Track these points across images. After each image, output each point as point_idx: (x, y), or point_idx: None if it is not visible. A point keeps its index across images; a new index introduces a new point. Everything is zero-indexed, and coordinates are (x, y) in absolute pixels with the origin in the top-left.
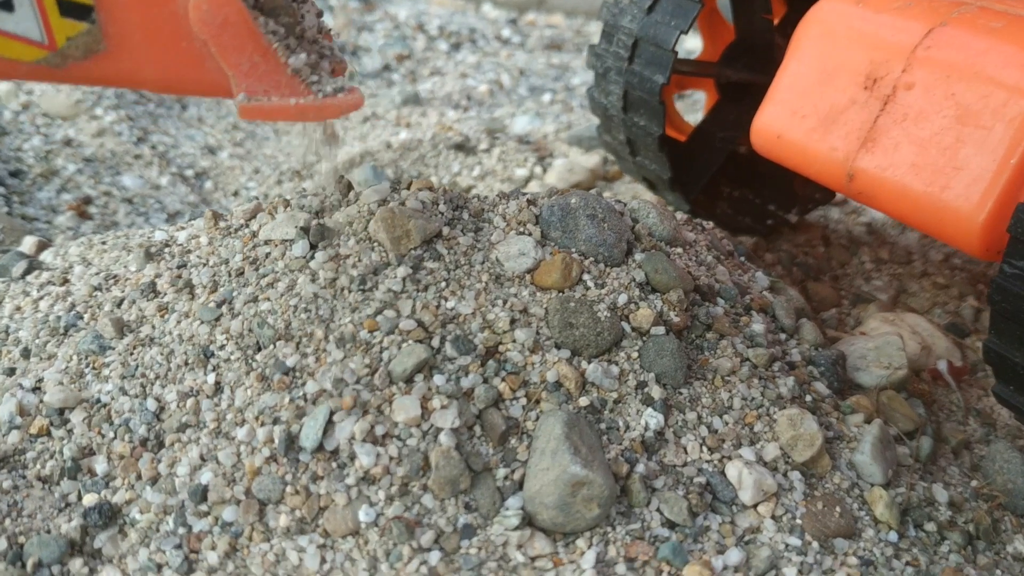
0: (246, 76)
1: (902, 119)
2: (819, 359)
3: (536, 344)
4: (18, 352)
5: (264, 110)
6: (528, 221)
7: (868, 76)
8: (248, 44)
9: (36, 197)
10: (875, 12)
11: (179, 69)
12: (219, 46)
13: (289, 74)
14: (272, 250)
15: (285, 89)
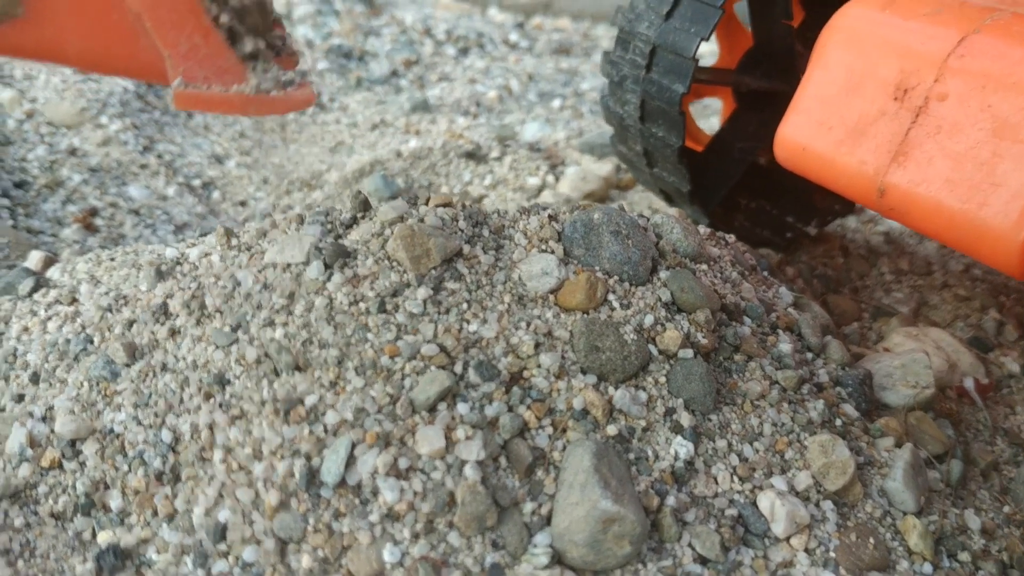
0: (184, 58)
1: (935, 132)
2: (846, 379)
3: (562, 369)
4: (27, 377)
5: (202, 99)
6: (550, 238)
7: (898, 86)
8: (188, 21)
9: (41, 209)
10: (903, 19)
11: (108, 44)
12: (155, 21)
13: (233, 60)
14: (286, 271)
15: (228, 77)
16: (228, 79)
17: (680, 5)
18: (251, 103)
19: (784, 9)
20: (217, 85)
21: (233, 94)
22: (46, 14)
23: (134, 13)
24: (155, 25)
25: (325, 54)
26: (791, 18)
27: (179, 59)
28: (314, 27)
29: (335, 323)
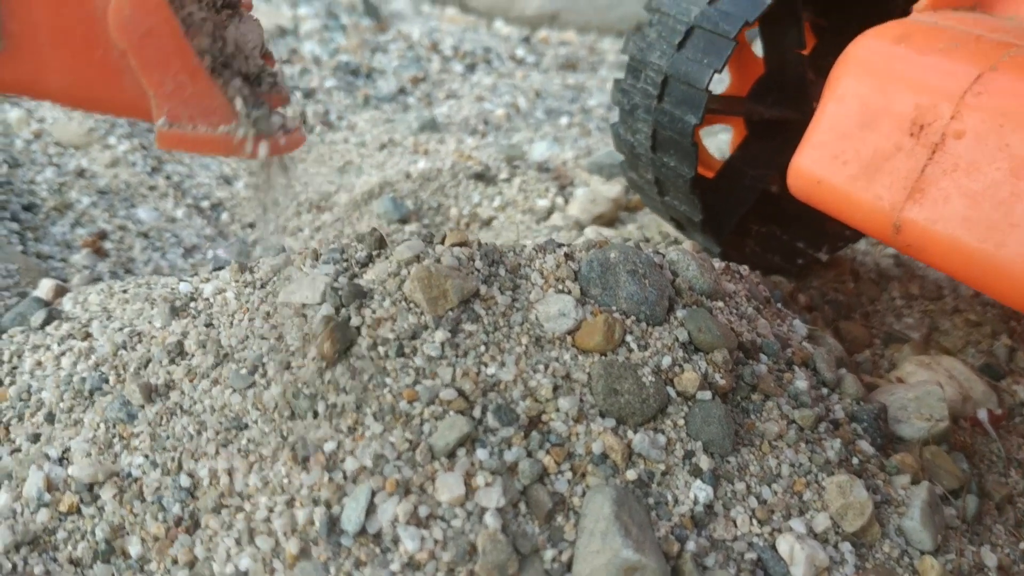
0: (169, 98)
1: (952, 169)
2: (862, 414)
3: (580, 413)
4: (42, 416)
5: (187, 140)
6: (567, 277)
7: (914, 122)
8: (174, 60)
9: (50, 232)
10: (919, 53)
11: (91, 81)
12: (140, 59)
13: (221, 100)
14: (302, 311)
15: (214, 117)
16: (215, 119)
17: (693, 35)
18: (238, 146)
19: (797, 38)
20: (203, 125)
21: (219, 135)
22: (27, 48)
23: (119, 50)
24: (140, 63)
25: (332, 71)
26: (804, 47)
27: (164, 98)
28: (321, 42)
29: (354, 367)
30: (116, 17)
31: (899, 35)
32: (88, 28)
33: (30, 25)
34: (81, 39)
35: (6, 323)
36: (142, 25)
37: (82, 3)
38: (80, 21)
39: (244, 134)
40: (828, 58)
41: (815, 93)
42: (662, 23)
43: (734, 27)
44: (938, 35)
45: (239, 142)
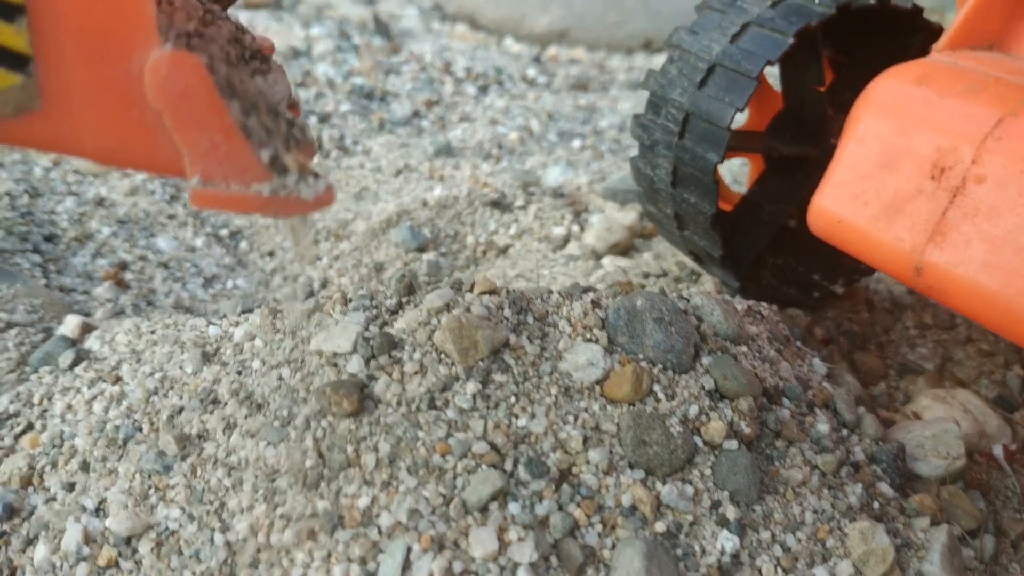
0: (204, 157)
1: (973, 214)
2: (881, 455)
3: (610, 465)
4: (76, 464)
5: (221, 199)
6: (594, 326)
7: (935, 165)
8: (210, 120)
9: (71, 263)
10: (939, 96)
11: (126, 140)
12: (176, 119)
13: (254, 160)
14: (333, 361)
15: (248, 176)
16: (248, 178)
17: (714, 74)
18: (270, 204)
19: (816, 76)
20: (236, 184)
21: (252, 194)
22: (64, 108)
23: (154, 110)
24: (175, 123)
25: (347, 95)
26: (823, 84)
27: (198, 157)
28: (334, 64)
29: (386, 421)
30: (153, 78)
31: (919, 76)
32: (125, 88)
33: (67, 86)
34: (117, 99)
35: (35, 362)
36: (179, 85)
37: (119, 64)
38: (117, 82)
39: (277, 193)
40: (846, 93)
41: (834, 129)
42: (683, 60)
43: (756, 66)
44: (958, 77)
45: (270, 201)
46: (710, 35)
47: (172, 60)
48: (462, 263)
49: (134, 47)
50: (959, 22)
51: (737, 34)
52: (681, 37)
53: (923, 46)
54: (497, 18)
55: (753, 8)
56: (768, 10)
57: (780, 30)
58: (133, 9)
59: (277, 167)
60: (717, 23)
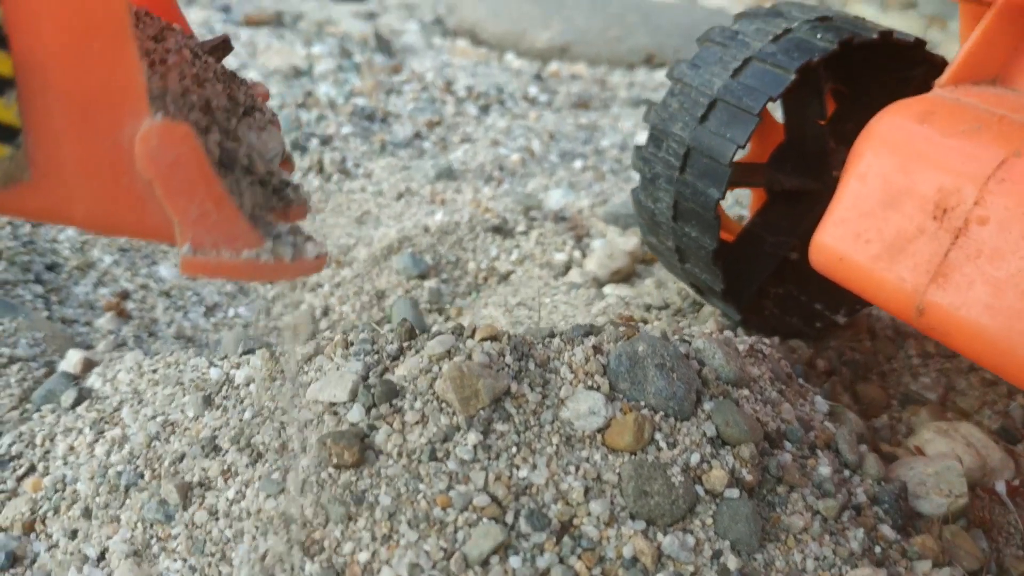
0: (194, 225)
1: (976, 255)
2: (883, 495)
3: (611, 516)
4: (79, 510)
5: (211, 266)
6: (596, 372)
7: (937, 205)
8: (200, 189)
9: (73, 293)
10: (942, 135)
11: (116, 209)
12: (166, 189)
13: (246, 227)
14: (332, 410)
15: (239, 242)
16: (239, 245)
17: (716, 109)
18: (262, 270)
19: (818, 109)
20: (227, 251)
21: (243, 261)
22: (54, 179)
23: (144, 179)
24: (166, 193)
25: (348, 117)
26: (825, 117)
27: (188, 225)
28: (336, 84)
29: (387, 473)
30: (143, 148)
31: (922, 113)
32: (115, 158)
33: (57, 157)
34: (107, 169)
35: (37, 400)
36: (169, 155)
37: (109, 135)
38: (107, 152)
39: (269, 259)
40: (848, 124)
41: (836, 162)
42: (684, 94)
43: (758, 103)
44: (961, 114)
45: (262, 267)
46: (711, 69)
47: (162, 130)
48: (463, 290)
49: (124, 118)
50: (962, 57)
51: (739, 69)
52: (683, 70)
53: (925, 77)
54: (498, 33)
55: (755, 42)
56: (770, 45)
57: (782, 66)
58: (123, 81)
59: (269, 232)
60: (718, 57)
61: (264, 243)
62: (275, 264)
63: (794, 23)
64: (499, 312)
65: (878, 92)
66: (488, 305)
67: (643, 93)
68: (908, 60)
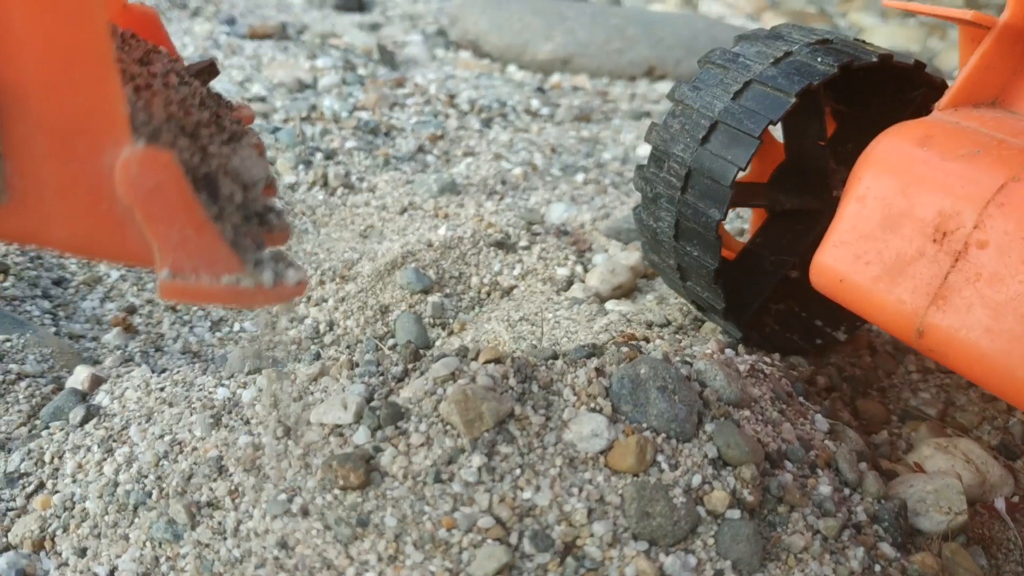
0: (174, 250)
1: (975, 279)
2: (883, 513)
3: (614, 537)
4: (88, 528)
5: (190, 291)
6: (598, 395)
7: (937, 228)
8: (181, 216)
9: (81, 308)
10: (941, 159)
11: (96, 233)
12: (146, 215)
13: (226, 252)
14: (338, 432)
15: (219, 267)
16: (219, 270)
17: (716, 130)
18: (242, 295)
19: (818, 131)
20: (207, 275)
21: (222, 286)
22: (32, 203)
23: (123, 205)
24: (146, 219)
25: (352, 131)
26: (825, 139)
27: (168, 251)
28: (339, 98)
29: (393, 495)
30: (124, 175)
31: (921, 136)
32: (95, 184)
33: (36, 181)
34: (87, 194)
35: (45, 416)
36: (150, 182)
37: (90, 161)
38: (87, 177)
39: (248, 284)
40: (848, 144)
41: (836, 181)
42: (685, 115)
43: (758, 126)
44: (961, 138)
45: (241, 292)
46: (712, 91)
47: (143, 158)
48: (466, 304)
49: (105, 144)
50: (962, 80)
51: (739, 91)
52: (684, 92)
53: (925, 99)
54: (501, 46)
55: (755, 65)
56: (770, 67)
57: (782, 89)
58: (105, 108)
59: (249, 258)
60: (719, 79)
61: (244, 268)
62: (255, 290)
63: (794, 46)
64: (502, 327)
65: (878, 113)
66: (491, 320)
67: (644, 105)
68: (908, 82)
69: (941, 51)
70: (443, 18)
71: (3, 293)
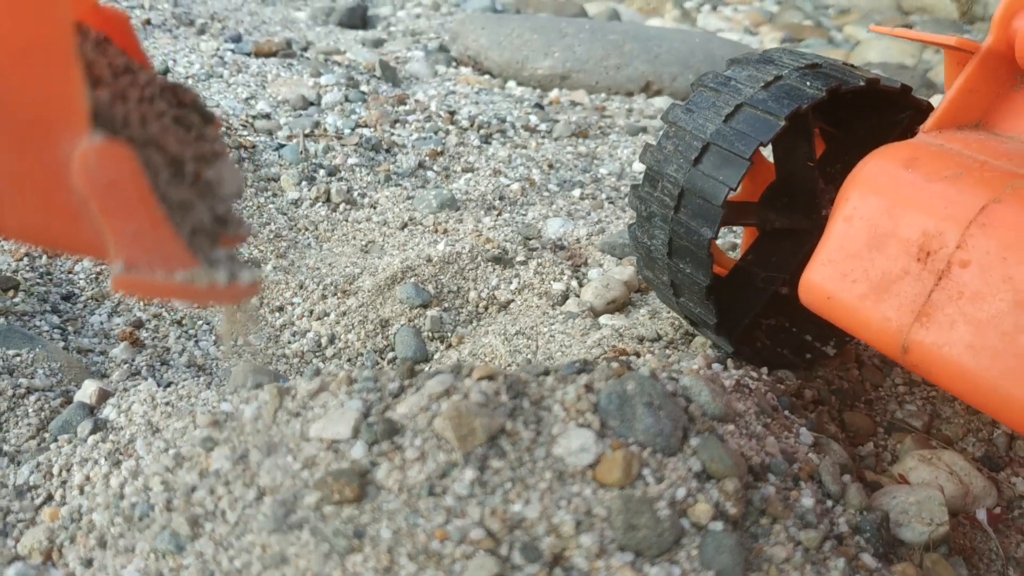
0: (129, 244)
1: (957, 297)
2: (865, 525)
3: (601, 548)
4: (94, 540)
5: (143, 285)
6: (587, 410)
7: (921, 248)
8: (138, 210)
9: (89, 322)
10: (925, 180)
11: (49, 222)
12: (103, 207)
13: (181, 248)
14: (335, 448)
15: (173, 264)
16: (173, 266)
17: (709, 152)
18: (195, 293)
19: (807, 152)
20: (160, 271)
21: (176, 283)
22: None
23: (80, 196)
24: (103, 211)
25: (355, 148)
26: (814, 160)
27: (123, 245)
28: (342, 115)
29: (388, 508)
30: (81, 166)
31: (907, 159)
32: (51, 174)
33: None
34: (42, 183)
35: (54, 430)
36: (107, 176)
37: (46, 150)
38: (42, 167)
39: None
40: (836, 165)
41: (825, 201)
42: (678, 137)
43: (749, 148)
44: (945, 160)
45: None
46: (704, 114)
47: (102, 151)
48: (464, 318)
49: (63, 135)
50: (946, 104)
51: (731, 114)
52: (677, 114)
53: (911, 121)
54: (501, 62)
55: (746, 88)
56: (760, 91)
57: (772, 112)
58: (64, 98)
59: (205, 256)
60: (711, 102)
61: (199, 266)
62: (208, 288)
63: (784, 70)
64: (498, 341)
65: (865, 134)
66: (488, 334)
67: (641, 120)
68: (894, 105)
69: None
70: (444, 34)
71: (13, 309)
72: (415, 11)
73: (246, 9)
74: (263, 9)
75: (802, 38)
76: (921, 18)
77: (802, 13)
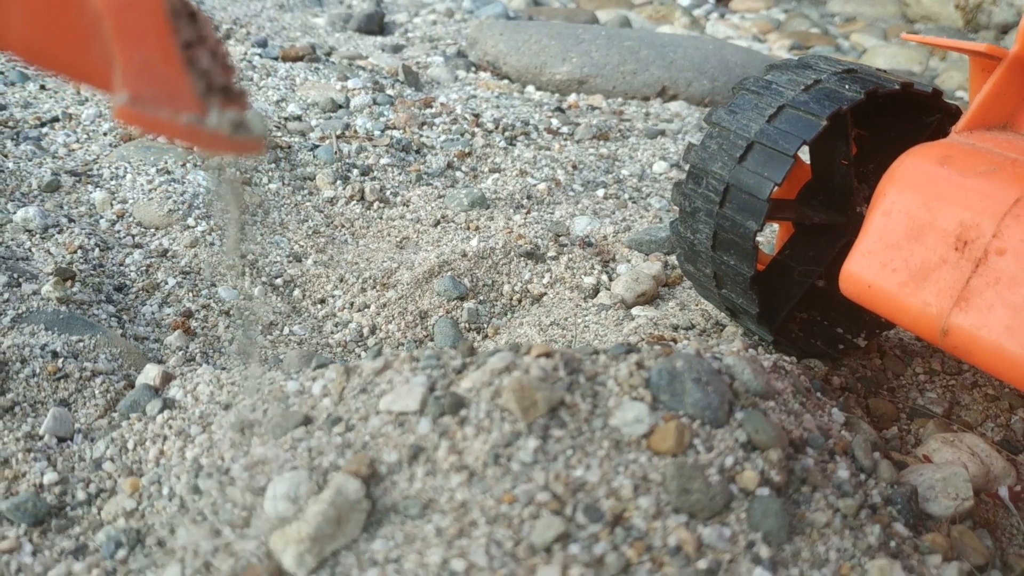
0: (136, 74)
1: (995, 282)
2: (896, 497)
3: (657, 510)
4: (175, 507)
5: (146, 120)
6: (639, 385)
7: (958, 238)
8: (151, 36)
9: (141, 312)
10: (961, 175)
11: (57, 39)
12: (117, 28)
13: (189, 87)
14: (402, 421)
15: (179, 103)
16: (179, 105)
17: (753, 150)
18: (200, 137)
19: (844, 152)
20: (166, 109)
21: (181, 124)
22: None
23: (94, 13)
24: (115, 31)
25: (386, 149)
26: (850, 159)
27: (131, 73)
28: (371, 117)
29: (460, 476)
30: None
31: (942, 156)
32: None
33: None
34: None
35: (123, 408)
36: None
37: None
38: None
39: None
40: (869, 165)
41: (859, 199)
42: (722, 136)
43: (792, 146)
44: (977, 158)
45: (199, 132)
46: (748, 115)
47: None
48: (499, 310)
49: None
50: (975, 108)
51: (774, 115)
52: (720, 116)
53: (940, 123)
54: (519, 67)
55: (788, 91)
56: (802, 94)
57: (814, 113)
58: None
59: (211, 101)
60: (754, 104)
61: (206, 111)
62: (213, 133)
63: (823, 75)
64: (534, 331)
65: (896, 137)
66: (523, 325)
67: (659, 124)
68: (925, 108)
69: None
70: (462, 40)
71: (72, 298)
72: (430, 18)
73: (265, 15)
74: (282, 15)
75: (809, 45)
76: (925, 26)
77: (809, 21)
